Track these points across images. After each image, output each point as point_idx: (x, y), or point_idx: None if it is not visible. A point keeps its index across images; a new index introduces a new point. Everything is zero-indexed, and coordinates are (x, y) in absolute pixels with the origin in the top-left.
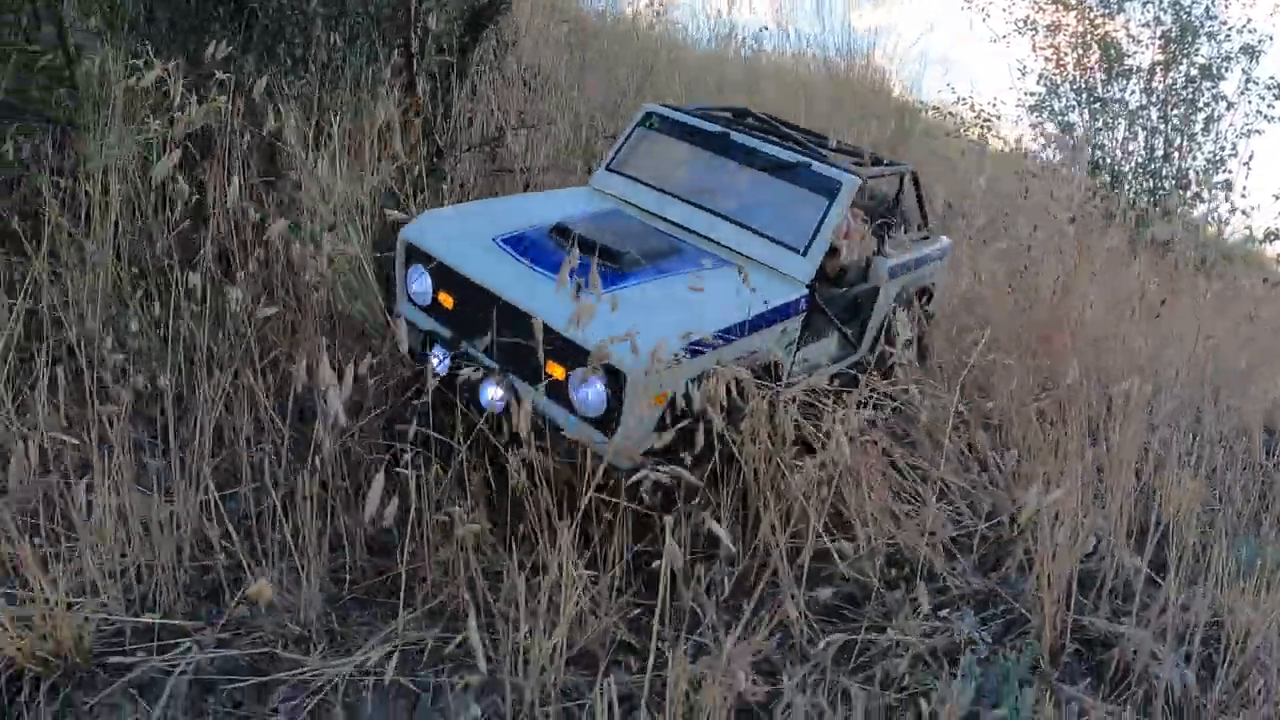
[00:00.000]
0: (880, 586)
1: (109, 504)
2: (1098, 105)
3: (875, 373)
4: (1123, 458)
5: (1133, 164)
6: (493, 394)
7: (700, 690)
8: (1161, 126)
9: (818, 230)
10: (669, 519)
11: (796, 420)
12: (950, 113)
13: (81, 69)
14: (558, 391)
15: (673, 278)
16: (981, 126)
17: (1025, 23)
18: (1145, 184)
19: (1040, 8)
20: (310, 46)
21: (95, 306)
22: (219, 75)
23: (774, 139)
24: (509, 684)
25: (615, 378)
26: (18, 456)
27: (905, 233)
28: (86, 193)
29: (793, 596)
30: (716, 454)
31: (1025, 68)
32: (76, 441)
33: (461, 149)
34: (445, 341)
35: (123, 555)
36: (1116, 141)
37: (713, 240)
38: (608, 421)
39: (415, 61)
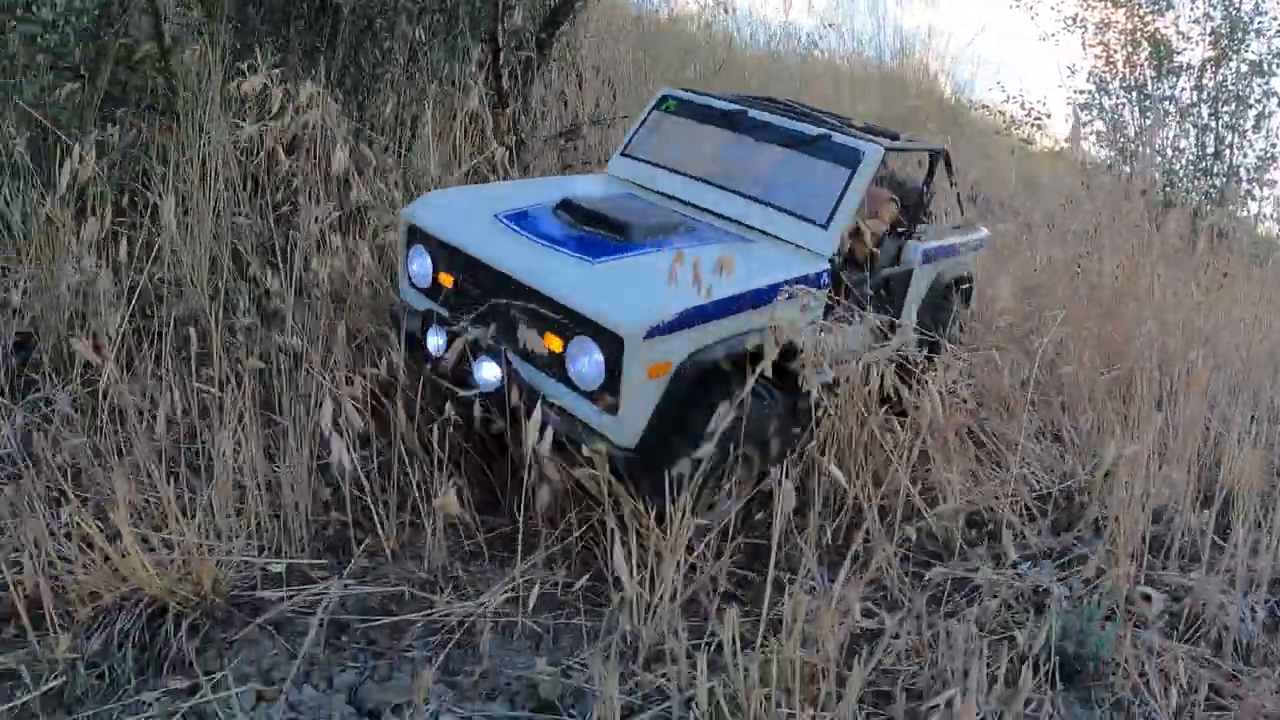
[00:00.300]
0: (962, 543)
1: (243, 458)
2: (1148, 103)
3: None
4: (1187, 428)
5: (1184, 161)
6: (488, 372)
7: (814, 621)
8: (1212, 124)
9: (839, 201)
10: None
11: (893, 382)
12: (1000, 111)
13: (179, 59)
14: (555, 366)
15: (681, 251)
16: (1033, 125)
17: (1074, 20)
18: (1197, 182)
19: (1089, 5)
20: (394, 40)
21: (200, 282)
22: (324, 81)
23: (793, 115)
24: (629, 626)
25: (613, 346)
26: (161, 410)
27: (937, 216)
28: (186, 179)
29: (883, 550)
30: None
31: (1075, 66)
32: (218, 393)
33: (541, 141)
34: (444, 322)
35: (240, 510)
36: (1168, 139)
37: (732, 220)
38: (606, 395)
39: (500, 55)
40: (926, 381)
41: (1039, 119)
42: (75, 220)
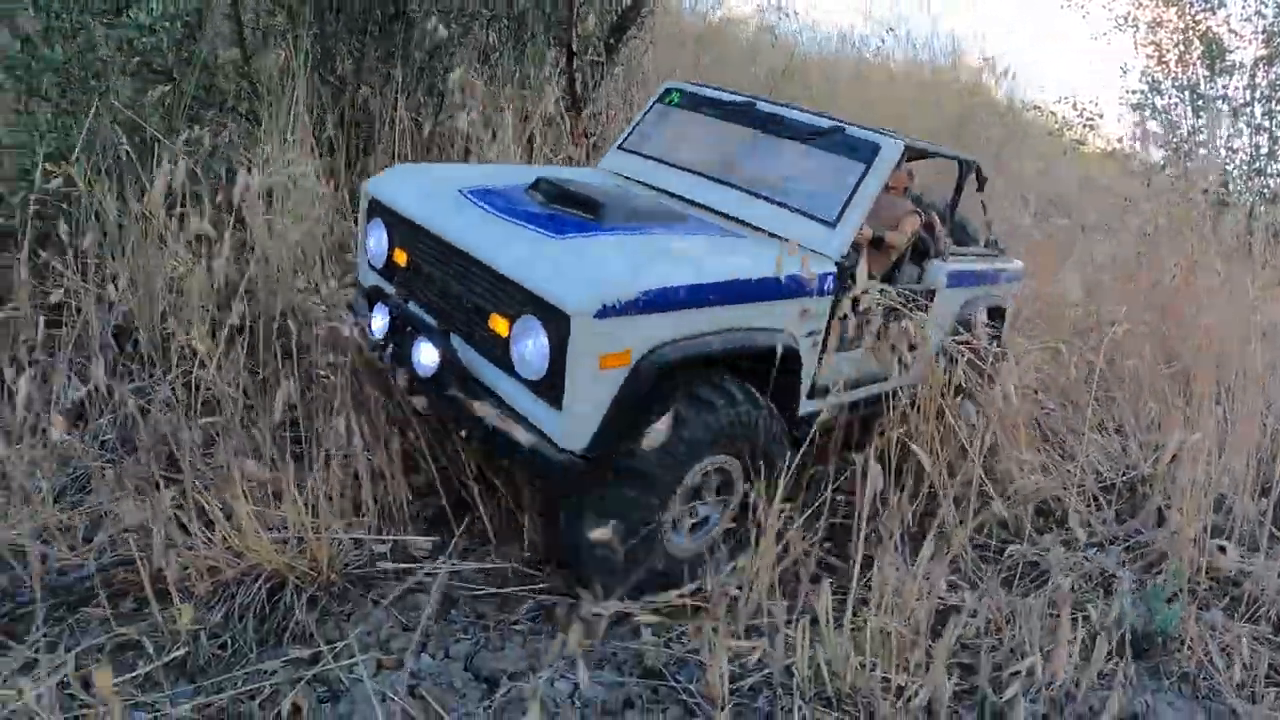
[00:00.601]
0: (1031, 530)
1: (354, 444)
2: (1201, 102)
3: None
4: (1244, 422)
5: (1237, 161)
6: (426, 356)
7: (901, 595)
8: (1266, 123)
9: (851, 198)
10: (860, 456)
11: (965, 372)
12: (1052, 112)
13: (263, 64)
14: (500, 352)
15: (658, 236)
16: (1085, 125)
17: (1126, 19)
18: (1251, 181)
19: (1141, 4)
20: (466, 46)
21: (286, 278)
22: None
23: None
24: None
25: (559, 326)
26: (280, 397)
27: (965, 232)
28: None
29: (957, 538)
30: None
31: (1127, 66)
32: (330, 378)
33: (610, 142)
34: (386, 299)
35: (342, 494)
36: (1221, 138)
37: (732, 217)
38: (551, 386)
39: (574, 60)
40: (1000, 371)
41: (1091, 120)
42: (168, 216)
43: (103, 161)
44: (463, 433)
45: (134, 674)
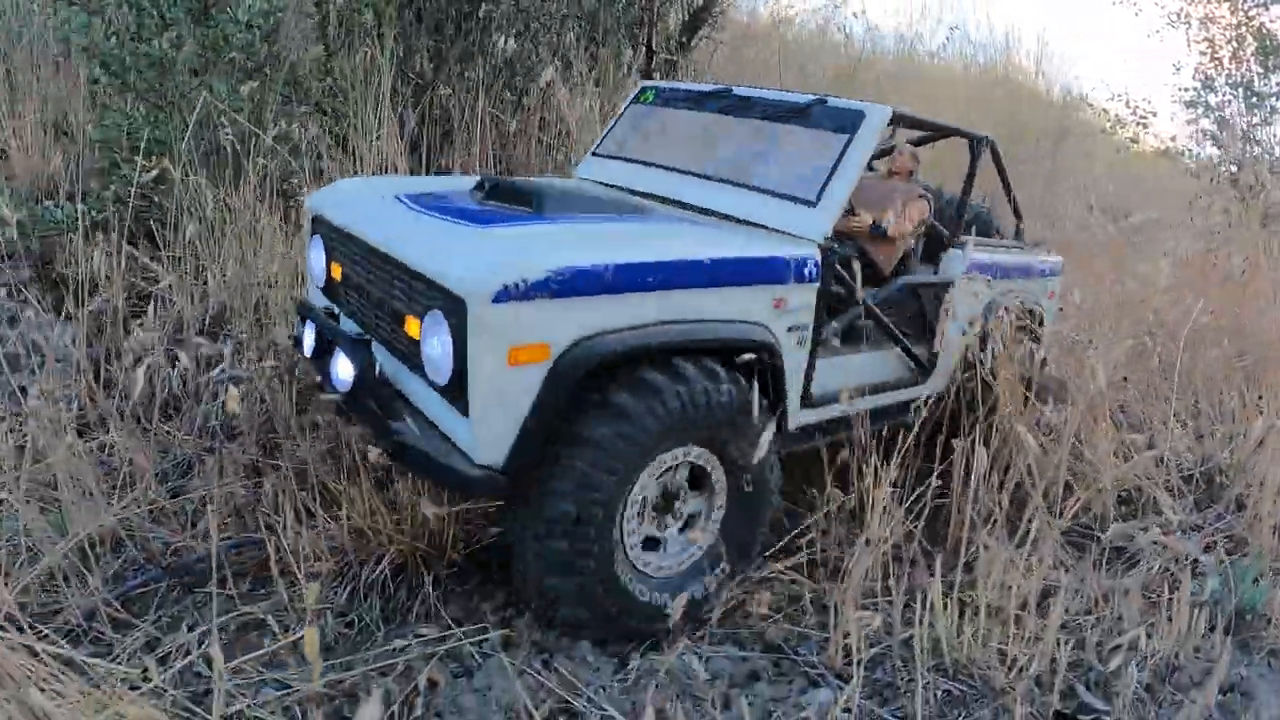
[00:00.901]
0: (1116, 517)
1: None
2: (1255, 99)
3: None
4: None
5: None
6: (344, 370)
7: (1007, 570)
8: None
9: (833, 172)
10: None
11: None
12: (1104, 110)
13: (350, 61)
14: (414, 356)
15: (601, 224)
16: (1139, 124)
17: (1178, 16)
18: None
19: (1193, 0)
20: (544, 44)
21: None
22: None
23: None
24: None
25: (459, 317)
26: None
27: (988, 218)
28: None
29: (1048, 524)
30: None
31: (1179, 64)
32: None
33: None
34: (314, 316)
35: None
36: (1275, 137)
37: (709, 210)
38: (458, 389)
39: (653, 59)
40: (1095, 362)
41: (1144, 118)
42: (258, 208)
43: (195, 154)
44: (379, 451)
45: (260, 653)
